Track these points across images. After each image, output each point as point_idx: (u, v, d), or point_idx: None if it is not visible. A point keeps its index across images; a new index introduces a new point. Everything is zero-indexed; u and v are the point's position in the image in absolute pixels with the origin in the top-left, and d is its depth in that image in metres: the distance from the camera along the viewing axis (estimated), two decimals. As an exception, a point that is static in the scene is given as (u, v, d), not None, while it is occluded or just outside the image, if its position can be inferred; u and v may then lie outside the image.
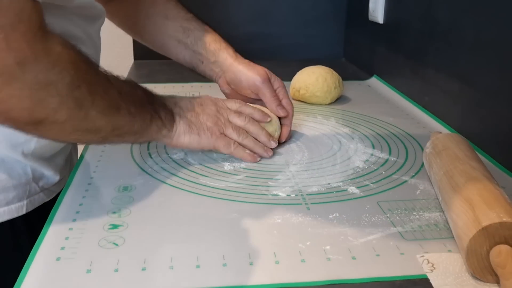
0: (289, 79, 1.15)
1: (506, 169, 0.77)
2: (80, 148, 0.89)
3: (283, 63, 1.39)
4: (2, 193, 0.71)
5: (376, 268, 0.53)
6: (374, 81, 1.32)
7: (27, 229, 0.75)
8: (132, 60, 1.54)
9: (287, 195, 0.69)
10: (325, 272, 0.52)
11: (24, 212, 0.74)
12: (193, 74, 0.97)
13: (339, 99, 1.15)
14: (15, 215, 0.73)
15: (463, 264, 0.53)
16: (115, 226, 0.60)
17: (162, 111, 0.72)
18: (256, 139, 0.80)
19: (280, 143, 0.85)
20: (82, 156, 0.81)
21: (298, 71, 1.16)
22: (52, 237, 0.58)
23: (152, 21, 0.94)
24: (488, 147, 0.83)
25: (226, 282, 0.51)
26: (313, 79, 1.10)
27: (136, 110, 0.67)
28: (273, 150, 0.83)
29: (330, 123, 0.99)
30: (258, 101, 0.89)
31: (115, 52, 0.62)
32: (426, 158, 0.73)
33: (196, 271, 0.52)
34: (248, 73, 0.87)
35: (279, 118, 0.86)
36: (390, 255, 0.55)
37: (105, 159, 0.80)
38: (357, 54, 1.55)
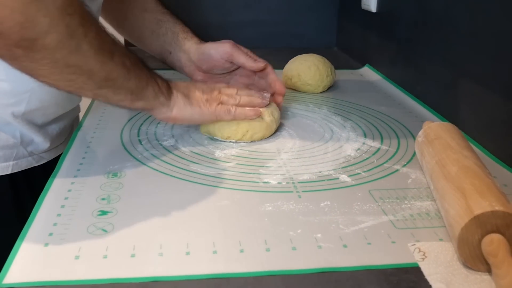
0: (281, 67, 1.14)
1: (498, 159, 0.77)
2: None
3: (275, 51, 1.38)
4: None
5: (367, 256, 0.53)
6: (367, 70, 1.32)
7: (12, 188, 0.78)
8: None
9: (278, 182, 0.68)
10: (316, 260, 0.52)
11: (9, 172, 0.77)
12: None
13: (331, 88, 1.14)
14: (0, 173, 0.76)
15: (454, 253, 0.53)
16: (104, 213, 0.60)
17: (158, 78, 0.72)
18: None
19: (274, 133, 0.85)
20: (71, 141, 0.80)
21: (290, 59, 1.15)
22: (41, 222, 0.58)
23: (131, 13, 0.97)
24: (480, 137, 0.83)
25: (216, 269, 0.50)
26: (305, 68, 1.10)
27: (131, 65, 0.66)
28: (266, 138, 0.83)
29: (322, 112, 0.98)
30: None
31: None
32: (418, 147, 0.72)
33: (186, 258, 0.52)
34: (215, 45, 0.90)
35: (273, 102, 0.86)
36: (382, 243, 0.55)
37: (94, 145, 0.79)
38: (350, 43, 1.54)
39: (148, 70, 0.71)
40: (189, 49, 0.92)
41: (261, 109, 0.81)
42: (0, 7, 0.49)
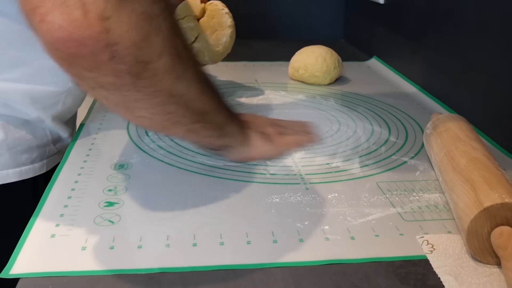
0: (288, 59, 1.14)
1: (507, 151, 0.77)
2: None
3: (282, 43, 1.38)
4: (28, 153, 0.74)
5: (375, 249, 0.52)
6: (374, 62, 1.31)
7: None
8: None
9: (286, 174, 0.68)
10: (324, 252, 0.52)
11: (44, 170, 0.77)
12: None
13: (338, 80, 1.14)
14: (38, 173, 0.76)
15: (463, 245, 0.52)
16: (110, 204, 0.60)
17: (237, 115, 0.68)
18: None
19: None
20: (77, 134, 0.80)
21: (297, 51, 1.14)
22: (47, 214, 0.57)
23: None
24: (489, 129, 0.82)
25: (223, 261, 0.50)
26: (313, 59, 1.09)
27: (219, 98, 0.62)
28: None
29: (329, 104, 0.98)
30: None
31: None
32: (427, 139, 0.72)
33: (193, 250, 0.52)
34: None
35: None
36: (390, 235, 0.55)
37: (101, 136, 0.79)
38: (357, 34, 1.53)
39: (229, 107, 0.66)
40: None
41: None
42: (116, 23, 0.43)
